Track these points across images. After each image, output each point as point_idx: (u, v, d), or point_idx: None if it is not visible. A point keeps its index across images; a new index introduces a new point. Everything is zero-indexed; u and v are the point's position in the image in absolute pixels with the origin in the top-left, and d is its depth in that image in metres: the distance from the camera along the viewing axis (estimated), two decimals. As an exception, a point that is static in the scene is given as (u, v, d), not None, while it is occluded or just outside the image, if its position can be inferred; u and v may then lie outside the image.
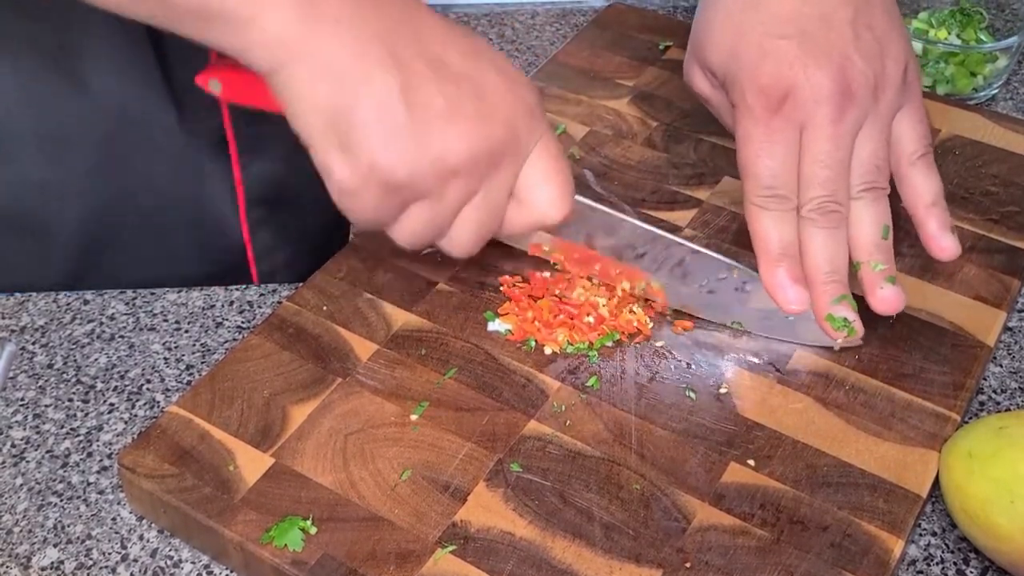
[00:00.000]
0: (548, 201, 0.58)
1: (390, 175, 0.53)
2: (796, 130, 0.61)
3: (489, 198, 0.57)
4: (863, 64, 0.61)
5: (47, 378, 0.66)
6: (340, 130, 0.53)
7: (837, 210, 0.61)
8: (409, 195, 0.55)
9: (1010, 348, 0.67)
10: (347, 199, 0.55)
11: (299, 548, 0.54)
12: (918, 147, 0.64)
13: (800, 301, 0.62)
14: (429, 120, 0.53)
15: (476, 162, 0.54)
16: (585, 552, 0.54)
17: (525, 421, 0.60)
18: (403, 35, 0.53)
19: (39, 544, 0.58)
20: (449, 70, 0.54)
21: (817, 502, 0.56)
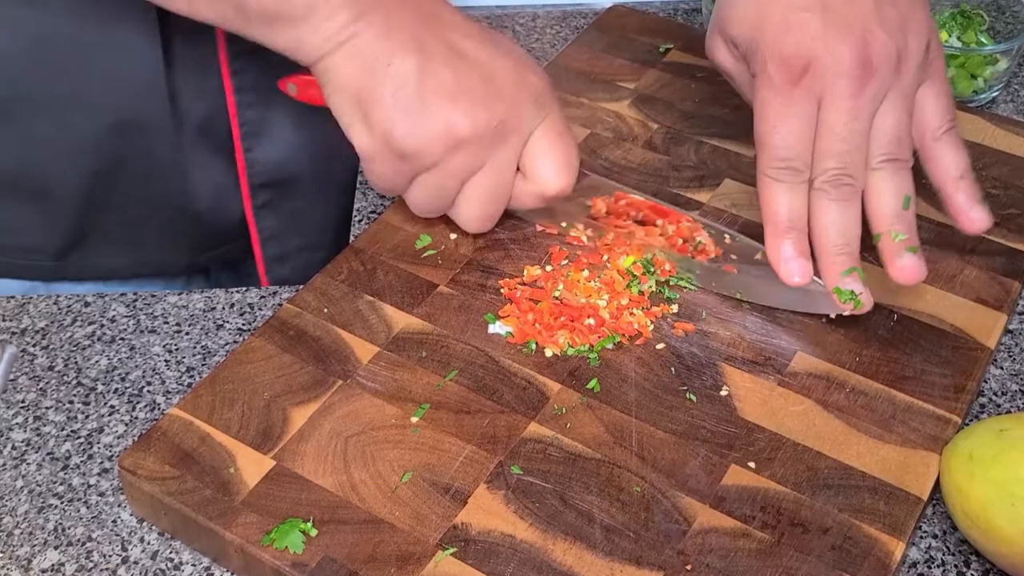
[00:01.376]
0: (550, 172, 0.64)
1: (401, 144, 0.61)
2: (814, 103, 0.61)
3: (494, 171, 0.63)
4: (885, 38, 0.61)
5: (48, 380, 0.66)
6: (362, 104, 0.61)
7: (850, 183, 0.61)
8: (418, 163, 0.62)
9: (1011, 350, 0.67)
10: (367, 165, 0.64)
11: (300, 550, 0.54)
12: (943, 122, 0.64)
13: (804, 274, 0.62)
14: (439, 97, 0.61)
15: (480, 136, 0.61)
16: (586, 554, 0.54)
17: (526, 423, 0.60)
18: (427, 26, 0.62)
19: (40, 546, 0.58)
20: (464, 56, 0.62)
21: (818, 504, 0.56)
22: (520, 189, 0.66)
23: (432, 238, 0.70)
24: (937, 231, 0.71)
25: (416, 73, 0.61)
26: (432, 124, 0.61)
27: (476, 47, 0.63)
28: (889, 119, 0.62)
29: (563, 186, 0.65)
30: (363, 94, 0.61)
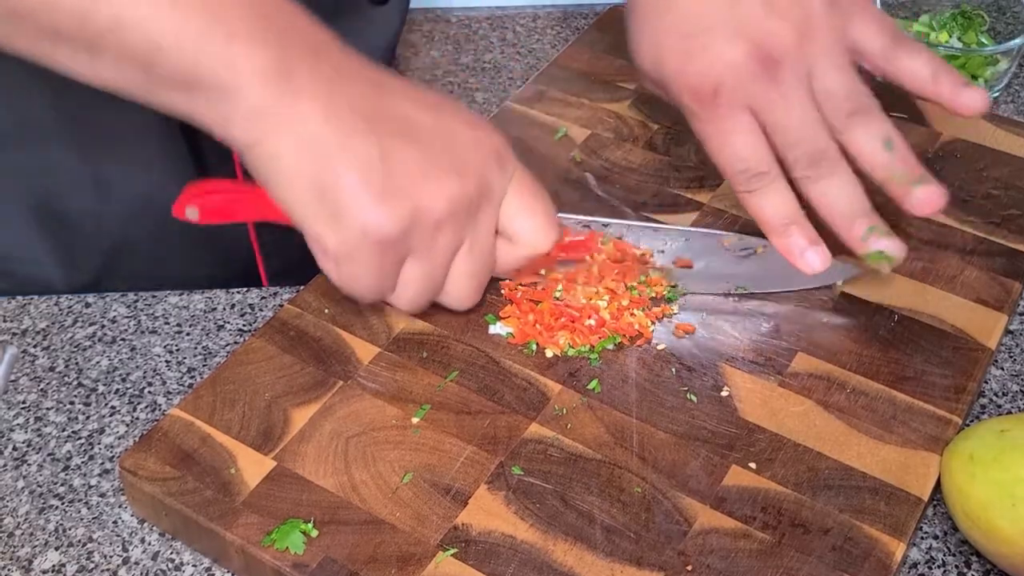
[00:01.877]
0: (534, 232, 0.61)
1: (381, 234, 0.55)
2: (743, 111, 0.62)
3: (476, 243, 0.59)
4: (777, 25, 0.61)
5: (48, 381, 0.66)
6: (327, 199, 0.55)
7: (825, 155, 0.62)
8: (403, 250, 0.57)
9: (1011, 351, 0.67)
10: (345, 267, 0.57)
11: (300, 551, 0.54)
12: (886, 40, 0.63)
13: (822, 261, 0.63)
14: (409, 178, 0.55)
15: (456, 211, 0.57)
16: (586, 555, 0.54)
17: (526, 424, 0.60)
18: (373, 100, 0.56)
19: (40, 547, 0.58)
20: (420, 129, 0.57)
21: (818, 505, 0.56)
22: (505, 253, 0.62)
23: (433, 239, 0.70)
24: (938, 231, 0.71)
25: (379, 155, 0.55)
26: (409, 207, 0.55)
27: (427, 115, 0.58)
28: (829, 79, 0.62)
29: (551, 242, 0.62)
30: (323, 187, 0.54)
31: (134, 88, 0.53)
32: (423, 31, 0.96)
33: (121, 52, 0.51)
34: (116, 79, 0.53)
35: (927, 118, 0.80)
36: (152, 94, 0.54)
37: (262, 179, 0.56)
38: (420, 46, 0.94)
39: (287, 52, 0.53)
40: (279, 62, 0.53)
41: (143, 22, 0.50)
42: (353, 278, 0.58)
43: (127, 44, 0.50)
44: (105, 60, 0.52)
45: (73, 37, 0.51)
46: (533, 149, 0.78)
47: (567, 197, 0.74)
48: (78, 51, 0.51)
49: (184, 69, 0.52)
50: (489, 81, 0.90)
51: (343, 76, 0.55)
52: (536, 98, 0.82)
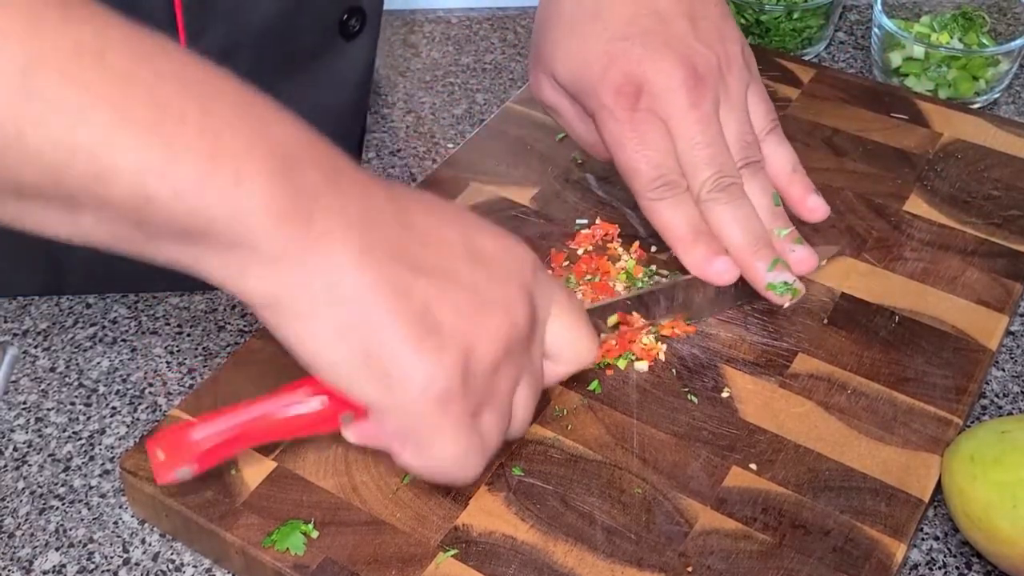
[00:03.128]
0: (580, 352, 0.56)
1: (447, 390, 0.47)
2: (660, 121, 0.62)
3: (531, 372, 0.53)
4: (704, 48, 0.63)
5: (49, 382, 0.66)
6: (374, 361, 0.46)
7: (734, 182, 0.63)
8: (470, 402, 0.49)
9: (1012, 352, 0.67)
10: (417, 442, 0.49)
11: (301, 552, 0.54)
12: (766, 122, 0.66)
13: (728, 271, 0.63)
14: (461, 324, 0.48)
15: (512, 348, 0.50)
16: (587, 556, 0.54)
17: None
18: (405, 236, 0.48)
19: (41, 548, 0.58)
20: (460, 266, 0.49)
21: (819, 506, 0.56)
22: (550, 372, 0.55)
23: (433, 240, 0.70)
24: (938, 232, 0.71)
25: (425, 301, 0.47)
26: (465, 352, 0.48)
27: (462, 245, 0.50)
28: (731, 125, 0.64)
29: (595, 356, 0.57)
30: (369, 346, 0.46)
31: (123, 245, 0.44)
32: (424, 32, 0.96)
33: (105, 207, 0.41)
34: (101, 237, 0.44)
35: (928, 119, 0.80)
36: (146, 250, 0.44)
37: (289, 345, 0.47)
38: (421, 47, 0.95)
39: (306, 188, 0.44)
40: (299, 201, 0.43)
41: (130, 171, 0.40)
42: (438, 451, 0.49)
43: (112, 198, 0.41)
44: (86, 218, 0.42)
45: (47, 195, 0.41)
46: (534, 150, 0.78)
47: (568, 198, 0.74)
48: (54, 210, 0.42)
49: (184, 220, 0.42)
50: (490, 82, 0.90)
51: (372, 211, 0.47)
52: (537, 99, 0.82)
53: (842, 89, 0.82)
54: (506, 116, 0.81)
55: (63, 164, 0.40)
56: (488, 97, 0.89)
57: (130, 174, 0.40)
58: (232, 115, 0.43)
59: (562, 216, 0.73)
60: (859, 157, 0.77)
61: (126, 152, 0.40)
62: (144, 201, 0.41)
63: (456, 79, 0.91)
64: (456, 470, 0.50)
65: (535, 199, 0.74)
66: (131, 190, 0.41)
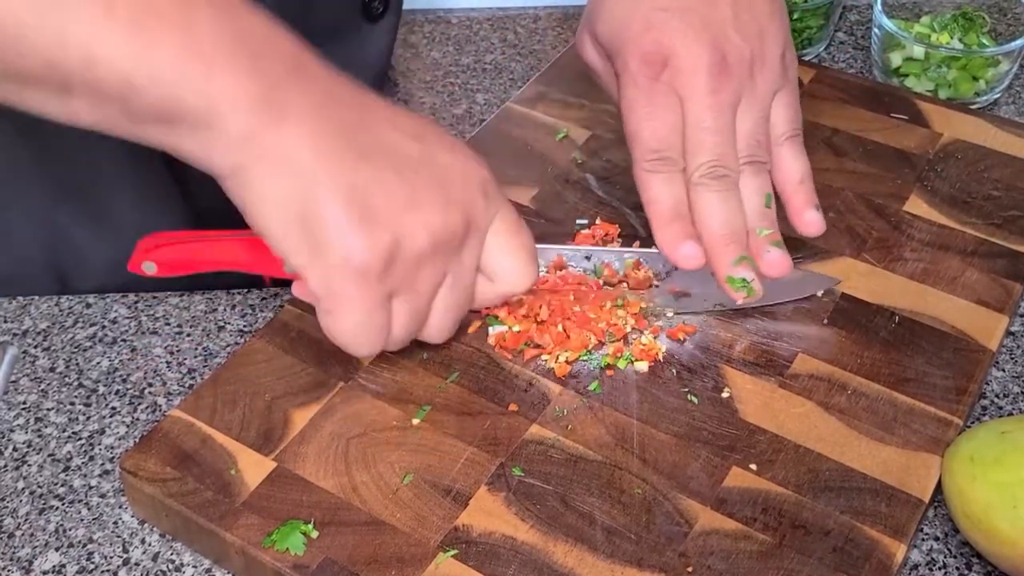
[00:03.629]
0: (515, 272, 0.60)
1: (362, 263, 0.53)
2: (676, 98, 0.63)
3: (458, 279, 0.58)
4: (740, 41, 0.63)
5: (49, 382, 0.66)
6: (309, 228, 0.52)
7: (728, 174, 0.63)
8: (387, 285, 0.54)
9: (1012, 352, 0.67)
10: (329, 304, 0.54)
11: (300, 552, 0.54)
12: (787, 129, 0.66)
13: (695, 257, 0.63)
14: (394, 209, 0.53)
15: (440, 245, 0.55)
16: (587, 556, 0.54)
17: (527, 425, 0.60)
18: (359, 127, 0.54)
19: (41, 548, 0.58)
20: (406, 159, 0.55)
21: (819, 507, 0.56)
22: (484, 290, 0.60)
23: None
24: (938, 233, 0.71)
25: (364, 184, 0.53)
26: (391, 237, 0.53)
27: (414, 144, 0.55)
28: (747, 122, 0.64)
29: (530, 283, 0.61)
30: (306, 213, 0.52)
31: (111, 126, 0.51)
32: (424, 32, 0.96)
33: (95, 92, 0.48)
34: (91, 118, 0.50)
35: (928, 120, 0.80)
36: (130, 131, 0.51)
37: (242, 208, 0.53)
38: (421, 47, 0.94)
39: (270, 77, 0.50)
40: (262, 89, 0.50)
41: (115, 60, 0.47)
42: (341, 320, 0.55)
43: (100, 84, 0.48)
44: (78, 100, 0.49)
45: (43, 80, 0.48)
46: (534, 150, 0.78)
47: (568, 198, 0.74)
48: (50, 93, 0.49)
49: (162, 105, 0.49)
50: (490, 82, 0.90)
51: (330, 100, 0.53)
52: (537, 99, 0.82)
53: (842, 89, 0.82)
54: (506, 116, 0.81)
55: (58, 56, 0.46)
56: (488, 97, 0.89)
57: (114, 63, 0.47)
58: (208, 12, 0.49)
59: (562, 216, 0.73)
60: (859, 157, 0.77)
61: (111, 45, 0.47)
62: (127, 87, 0.47)
63: (456, 79, 0.91)
64: (353, 343, 0.56)
65: (535, 199, 0.74)
66: (115, 77, 0.47)
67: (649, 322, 0.65)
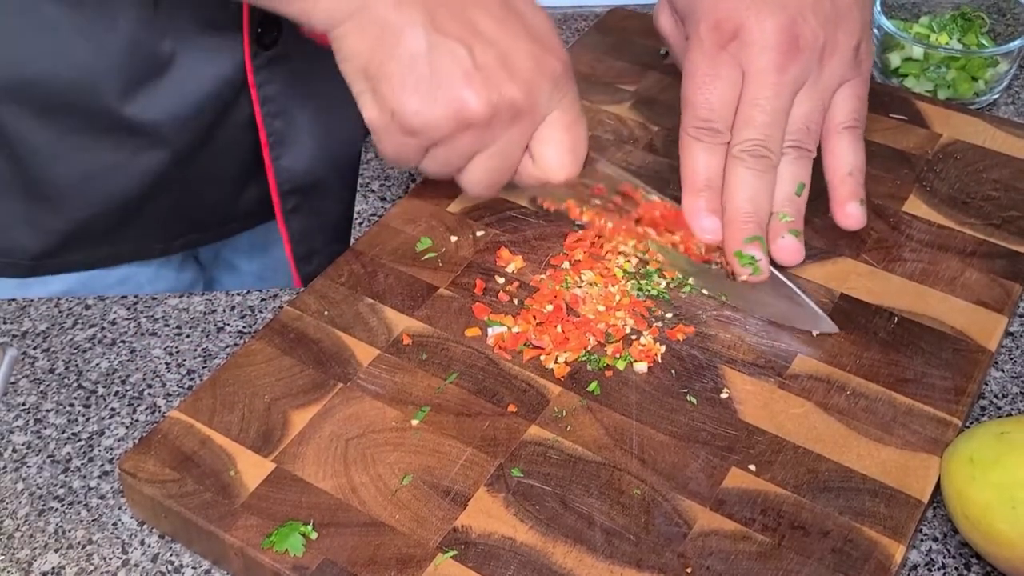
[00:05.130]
0: (556, 161, 0.63)
1: (407, 122, 0.60)
2: (739, 71, 0.63)
3: (502, 150, 0.62)
4: (815, 25, 0.63)
5: (48, 383, 0.66)
6: (371, 76, 0.59)
7: (768, 156, 0.63)
8: (425, 140, 0.61)
9: (1011, 353, 0.67)
10: (376, 136, 0.62)
11: (300, 553, 0.54)
12: (848, 118, 0.66)
13: (714, 231, 0.64)
14: (451, 76, 0.59)
15: (489, 119, 0.60)
16: (586, 557, 0.54)
17: (526, 426, 0.60)
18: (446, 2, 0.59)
19: (40, 549, 0.58)
20: (480, 33, 0.60)
21: (818, 507, 0.56)
22: (525, 169, 0.65)
23: (432, 241, 0.70)
24: (938, 233, 0.71)
25: (427, 50, 0.59)
26: (442, 103, 0.59)
27: (496, 24, 0.60)
28: (803, 107, 0.64)
29: (568, 175, 0.64)
30: (372, 67, 0.59)
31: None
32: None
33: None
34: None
35: (926, 120, 0.80)
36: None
37: (336, 52, 0.61)
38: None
39: None
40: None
41: None
42: (381, 147, 0.63)
43: None
44: None
45: None
46: (533, 151, 0.78)
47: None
48: None
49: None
50: (489, 83, 0.90)
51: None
52: (536, 100, 0.82)
53: (841, 90, 0.82)
54: (505, 117, 0.81)
55: None
56: (487, 98, 0.89)
57: None
58: None
59: (562, 217, 0.73)
60: (858, 158, 0.77)
61: None
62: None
63: (455, 80, 0.91)
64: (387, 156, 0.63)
65: (534, 200, 0.74)
66: None
67: (649, 323, 0.65)
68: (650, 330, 0.65)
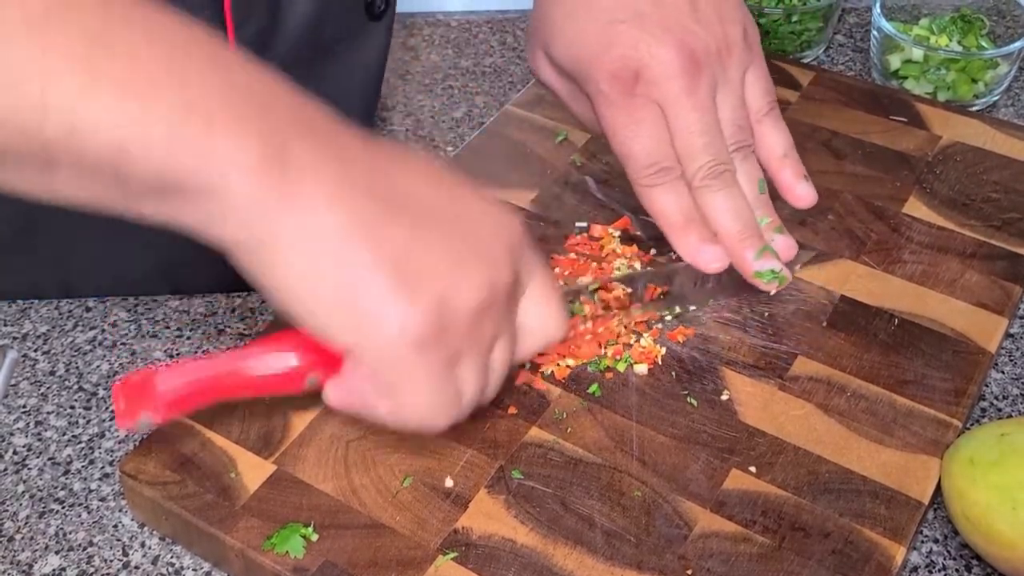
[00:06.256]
0: (552, 327, 0.55)
1: (423, 333, 0.47)
2: (656, 107, 0.62)
3: (509, 336, 0.53)
4: (703, 32, 0.63)
5: (49, 385, 0.66)
6: (350, 302, 0.46)
7: (726, 169, 0.63)
8: (448, 349, 0.48)
9: (1012, 354, 0.67)
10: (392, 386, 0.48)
11: (300, 555, 0.54)
12: (763, 104, 0.66)
13: (720, 259, 0.64)
14: (440, 267, 0.48)
15: (493, 302, 0.50)
16: (587, 559, 0.54)
17: (526, 428, 0.60)
18: (382, 181, 0.48)
19: (41, 551, 0.58)
20: (441, 213, 0.49)
21: (819, 509, 0.56)
22: (520, 346, 0.54)
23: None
24: (938, 235, 0.71)
25: (403, 244, 0.46)
26: (442, 297, 0.47)
27: (445, 196, 0.50)
28: (727, 110, 0.64)
29: (563, 334, 0.56)
30: (344, 285, 0.46)
31: (102, 201, 0.44)
32: (423, 35, 0.96)
33: (80, 164, 0.42)
34: (79, 194, 0.44)
35: (926, 122, 0.80)
36: (123, 205, 0.44)
37: (265, 288, 0.47)
38: (420, 50, 0.95)
39: (277, 133, 0.44)
40: (271, 147, 0.44)
41: (101, 125, 0.41)
42: (411, 397, 0.49)
43: (86, 153, 0.41)
44: (61, 175, 0.42)
45: (21, 154, 0.41)
46: (533, 153, 0.78)
47: (567, 200, 0.74)
48: (28, 170, 0.42)
49: (158, 172, 0.42)
50: (489, 85, 0.90)
51: (345, 154, 0.47)
52: (536, 102, 0.82)
53: (841, 92, 0.83)
54: (505, 119, 0.81)
55: (35, 123, 0.40)
56: (488, 100, 0.89)
57: (103, 129, 0.41)
58: (203, 66, 0.43)
59: (562, 219, 0.73)
60: (858, 160, 0.77)
61: (98, 109, 0.41)
62: (118, 154, 0.41)
63: (455, 82, 0.91)
64: (429, 419, 0.50)
65: (534, 202, 0.74)
66: (105, 145, 0.41)
67: (649, 324, 0.65)
68: (650, 332, 0.65)
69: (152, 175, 0.42)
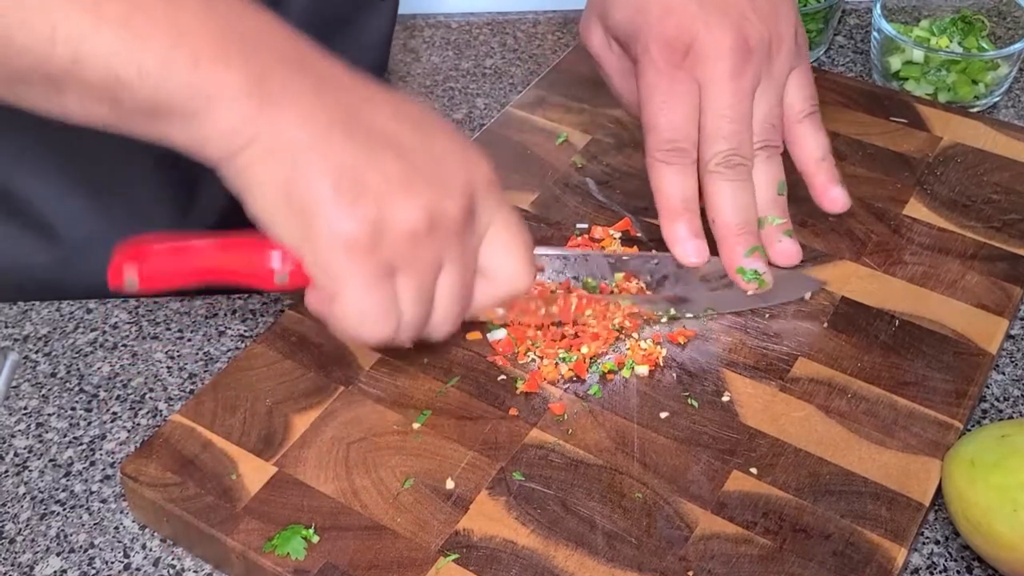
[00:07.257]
0: (514, 272, 0.56)
1: (351, 237, 0.50)
2: (696, 86, 0.63)
3: (458, 267, 0.54)
4: (759, 23, 0.63)
5: (50, 387, 0.66)
6: (297, 206, 0.51)
7: (743, 163, 0.63)
8: (382, 261, 0.51)
9: (1012, 356, 0.67)
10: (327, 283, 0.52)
11: (301, 557, 0.54)
12: (805, 106, 0.66)
13: (700, 254, 0.64)
14: (386, 186, 0.51)
15: (436, 227, 0.52)
16: (588, 561, 0.54)
17: (527, 430, 0.60)
18: (355, 110, 0.52)
19: (42, 553, 0.58)
20: (404, 143, 0.53)
21: (820, 510, 0.56)
22: (481, 291, 0.56)
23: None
24: (938, 236, 0.71)
25: (353, 161, 0.51)
26: (379, 211, 0.51)
27: (414, 130, 0.53)
28: (763, 106, 0.64)
29: (528, 283, 0.57)
30: (293, 191, 0.50)
31: (104, 120, 0.51)
32: (424, 36, 0.96)
33: (84, 88, 0.49)
34: (84, 114, 0.50)
35: (927, 123, 0.80)
36: (123, 125, 0.51)
37: (240, 194, 0.52)
38: (421, 51, 0.95)
39: (260, 67, 0.50)
40: (251, 78, 0.49)
41: (101, 56, 0.48)
42: (345, 302, 0.52)
43: (88, 80, 0.48)
44: (70, 97, 0.49)
45: (35, 79, 0.49)
46: (534, 155, 0.78)
47: (568, 202, 0.74)
48: (43, 91, 0.49)
49: (150, 99, 0.49)
50: (490, 86, 0.90)
51: (325, 85, 0.52)
52: (537, 103, 0.82)
53: (841, 93, 0.83)
54: (506, 121, 0.81)
55: (44, 53, 0.47)
56: (488, 102, 0.89)
57: (102, 59, 0.48)
58: (196, 7, 0.49)
59: (562, 220, 0.73)
60: (859, 161, 0.77)
61: (99, 43, 0.47)
62: (115, 82, 0.48)
63: (456, 84, 0.91)
64: (361, 326, 0.53)
65: (535, 203, 0.74)
66: (103, 72, 0.48)
67: (648, 326, 0.65)
68: (651, 334, 0.65)
69: (146, 101, 0.49)
